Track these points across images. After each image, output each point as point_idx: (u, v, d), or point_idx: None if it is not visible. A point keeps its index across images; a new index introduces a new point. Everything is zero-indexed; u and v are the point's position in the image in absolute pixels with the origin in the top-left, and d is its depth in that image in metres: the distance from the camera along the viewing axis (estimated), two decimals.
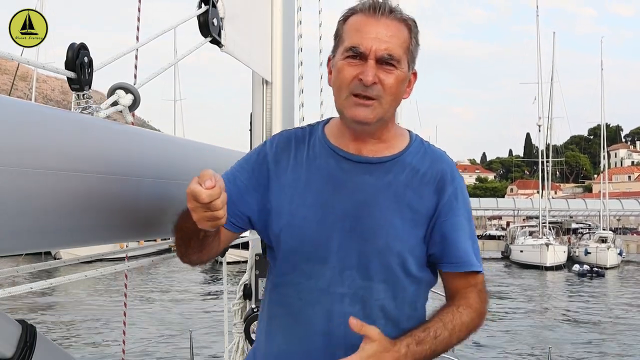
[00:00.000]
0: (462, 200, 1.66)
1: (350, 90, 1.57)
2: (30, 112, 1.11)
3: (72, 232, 1.23)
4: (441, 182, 1.63)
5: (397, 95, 1.62)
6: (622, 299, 24.65)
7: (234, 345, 2.41)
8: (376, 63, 1.57)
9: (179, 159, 1.67)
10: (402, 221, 1.59)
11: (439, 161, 1.68)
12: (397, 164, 1.65)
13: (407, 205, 1.60)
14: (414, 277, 1.62)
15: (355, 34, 1.59)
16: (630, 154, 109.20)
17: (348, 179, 1.64)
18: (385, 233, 1.59)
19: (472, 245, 1.66)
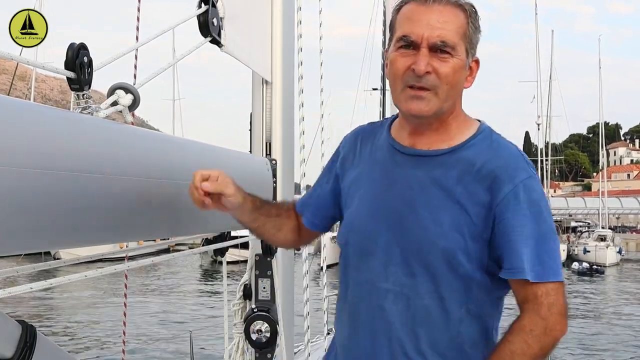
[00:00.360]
0: (525, 199, 1.48)
1: (404, 82, 1.53)
2: (30, 112, 1.11)
3: (72, 232, 1.23)
4: (497, 179, 1.49)
5: (455, 85, 1.55)
6: (622, 297, 24.65)
7: (234, 345, 2.41)
8: (430, 51, 1.50)
9: (179, 159, 1.67)
10: (450, 218, 1.52)
11: (499, 156, 1.53)
12: (451, 158, 1.57)
13: (457, 202, 1.52)
14: (463, 278, 1.53)
15: (406, 23, 1.54)
16: (630, 152, 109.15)
17: (400, 172, 1.61)
18: (428, 231, 1.53)
19: (536, 250, 1.47)
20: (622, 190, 71.40)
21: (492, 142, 1.57)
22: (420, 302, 1.54)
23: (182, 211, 1.68)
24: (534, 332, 1.45)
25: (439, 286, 1.53)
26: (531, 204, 1.49)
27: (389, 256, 1.57)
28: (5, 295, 1.08)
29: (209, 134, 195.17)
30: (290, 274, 2.64)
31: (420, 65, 1.49)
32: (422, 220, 1.54)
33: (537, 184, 1.52)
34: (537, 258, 1.47)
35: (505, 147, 1.57)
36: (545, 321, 1.45)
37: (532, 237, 1.47)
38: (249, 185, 2.19)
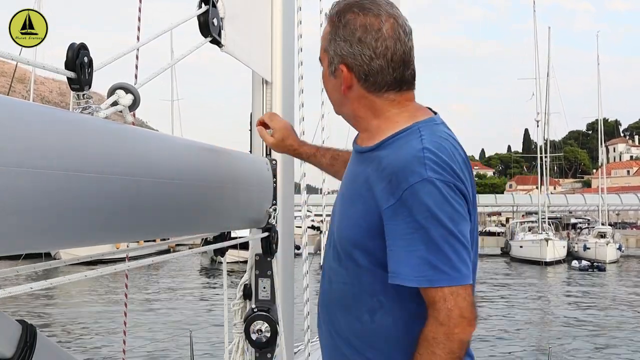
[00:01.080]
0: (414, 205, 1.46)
1: None
2: (30, 112, 1.11)
3: (72, 232, 1.23)
4: (390, 182, 1.51)
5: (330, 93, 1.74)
6: (623, 294, 24.66)
7: (234, 345, 2.41)
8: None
9: (179, 159, 1.67)
10: (354, 212, 1.62)
11: (398, 158, 1.53)
12: (370, 156, 1.64)
13: (360, 197, 1.60)
14: (368, 270, 1.59)
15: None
16: (629, 148, 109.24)
17: (348, 167, 1.81)
18: (341, 223, 1.68)
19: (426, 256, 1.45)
20: (622, 187, 71.48)
21: (402, 144, 1.57)
22: (337, 286, 1.69)
23: (182, 211, 1.68)
24: (436, 340, 1.46)
25: (351, 275, 1.64)
26: (420, 209, 1.46)
27: (330, 241, 1.77)
28: (5, 295, 1.08)
29: (209, 134, 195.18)
30: (290, 274, 2.64)
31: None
32: (340, 213, 1.70)
33: (430, 187, 1.46)
34: (427, 263, 1.45)
35: (407, 148, 1.54)
36: (445, 326, 1.45)
37: (422, 242, 1.45)
38: (249, 186, 2.20)
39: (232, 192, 2.01)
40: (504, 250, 46.72)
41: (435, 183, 1.46)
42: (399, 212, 1.48)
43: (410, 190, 1.46)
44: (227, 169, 1.99)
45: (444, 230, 1.45)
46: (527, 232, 44.56)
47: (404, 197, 1.47)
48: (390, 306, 1.58)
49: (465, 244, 1.49)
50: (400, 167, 1.50)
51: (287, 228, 2.54)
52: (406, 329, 1.56)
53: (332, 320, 1.70)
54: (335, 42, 1.62)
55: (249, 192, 2.19)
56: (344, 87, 1.65)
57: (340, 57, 1.63)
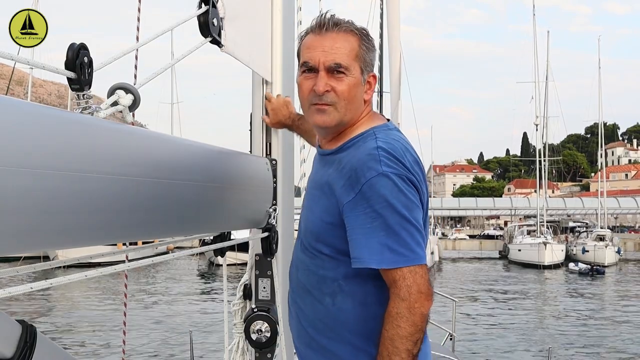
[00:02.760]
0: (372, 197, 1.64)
1: (309, 101, 1.82)
2: (30, 113, 1.11)
3: (72, 232, 1.23)
4: (349, 179, 1.69)
5: (352, 99, 1.81)
6: (622, 297, 24.68)
7: (234, 345, 2.40)
8: (327, 73, 1.79)
9: (179, 159, 1.67)
10: (317, 208, 1.81)
11: (355, 156, 1.73)
12: (332, 158, 1.84)
13: (325, 195, 1.78)
14: (327, 256, 1.79)
15: (306, 51, 1.83)
16: (627, 152, 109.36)
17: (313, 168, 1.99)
18: (306, 217, 1.88)
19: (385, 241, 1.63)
20: (621, 190, 71.54)
21: (361, 144, 1.78)
22: (303, 273, 1.87)
23: (182, 211, 1.68)
24: (400, 314, 1.62)
25: (315, 262, 1.82)
26: (377, 200, 1.64)
27: (299, 234, 1.96)
28: (6, 295, 1.07)
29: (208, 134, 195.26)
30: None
31: (319, 86, 1.77)
32: (307, 208, 1.89)
33: (386, 181, 1.65)
34: (387, 247, 1.63)
35: (365, 148, 1.75)
36: (406, 302, 1.62)
37: (382, 229, 1.63)
38: (249, 186, 2.20)
39: (232, 192, 2.01)
40: (502, 254, 46.77)
41: (390, 176, 1.65)
42: (358, 204, 1.66)
43: (368, 184, 1.65)
44: (227, 169, 1.99)
45: (399, 217, 1.64)
46: (525, 235, 44.60)
47: (363, 190, 1.66)
48: (349, 289, 1.76)
49: (419, 228, 1.68)
50: (358, 164, 1.69)
51: (287, 228, 2.54)
52: (363, 313, 1.75)
53: (299, 304, 1.89)
54: (369, 51, 1.84)
55: (249, 192, 2.19)
56: (371, 93, 1.88)
57: (372, 66, 1.86)
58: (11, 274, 1.40)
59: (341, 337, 1.78)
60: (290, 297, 1.97)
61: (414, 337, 1.61)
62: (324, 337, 1.81)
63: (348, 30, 1.81)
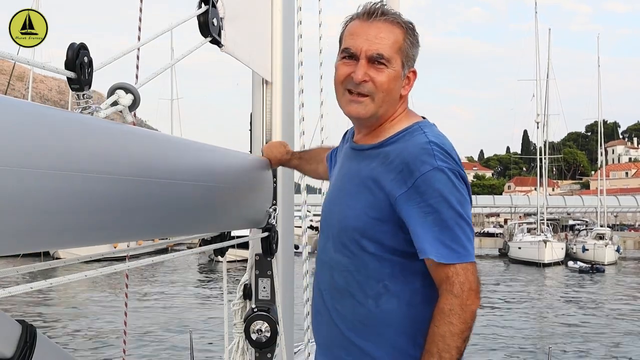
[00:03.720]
0: (426, 191, 1.62)
1: (344, 86, 1.78)
2: (30, 112, 1.11)
3: (72, 232, 1.23)
4: (401, 173, 1.66)
5: (390, 92, 1.77)
6: (623, 295, 24.67)
7: (234, 345, 2.40)
8: (368, 62, 1.74)
9: (179, 159, 1.67)
10: (360, 204, 1.74)
11: (407, 151, 1.69)
12: (374, 152, 1.79)
13: (368, 189, 1.73)
14: (372, 255, 1.73)
15: (349, 37, 1.78)
16: (628, 150, 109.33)
17: (345, 164, 1.92)
18: (344, 215, 1.79)
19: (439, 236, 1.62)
20: (621, 189, 71.52)
21: (410, 138, 1.74)
22: (340, 275, 1.79)
23: (182, 211, 1.68)
24: (453, 311, 1.59)
25: (356, 263, 1.75)
26: (432, 195, 1.62)
27: (327, 235, 1.87)
28: (5, 295, 1.08)
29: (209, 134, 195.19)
30: (290, 274, 2.64)
31: (358, 74, 1.74)
32: (342, 206, 1.81)
33: (441, 175, 1.63)
34: (441, 243, 1.61)
35: (416, 142, 1.71)
36: (459, 298, 1.59)
37: (435, 224, 1.61)
38: (249, 186, 2.19)
39: (232, 192, 2.01)
40: (502, 252, 46.72)
41: (445, 171, 1.63)
42: (412, 198, 1.63)
43: (422, 178, 1.63)
44: (227, 169, 1.99)
45: (454, 213, 1.62)
46: (525, 233, 44.57)
47: (417, 184, 1.63)
48: (395, 290, 1.71)
49: (470, 225, 1.67)
50: (411, 158, 1.66)
51: (287, 228, 2.54)
52: (409, 313, 1.70)
53: (335, 307, 1.81)
54: (413, 46, 1.80)
55: (249, 192, 2.19)
56: (409, 89, 1.84)
57: (413, 61, 1.82)
58: (11, 273, 1.40)
59: (384, 339, 1.73)
60: (320, 299, 1.88)
61: (464, 334, 1.59)
62: (363, 340, 1.75)
63: (395, 22, 1.77)
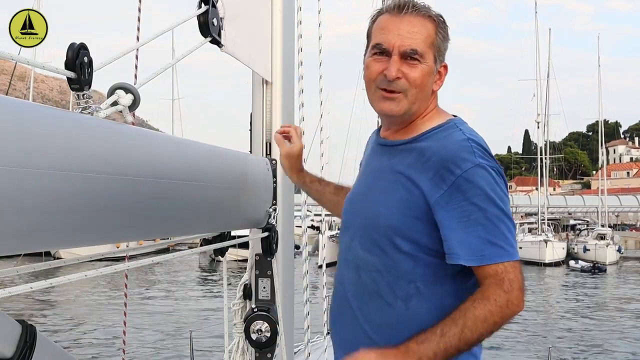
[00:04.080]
0: (469, 189, 1.57)
1: (377, 84, 1.71)
2: (30, 112, 1.11)
3: (72, 232, 1.23)
4: (440, 170, 1.60)
5: (424, 88, 1.71)
6: (625, 295, 24.65)
7: (234, 345, 2.40)
8: (400, 58, 1.67)
9: (179, 159, 1.67)
10: (394, 201, 1.67)
11: (445, 148, 1.64)
12: (407, 148, 1.72)
13: (402, 186, 1.66)
14: (406, 254, 1.65)
15: (380, 33, 1.71)
16: (629, 150, 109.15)
17: (373, 161, 1.86)
18: (377, 212, 1.70)
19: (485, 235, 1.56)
20: (622, 189, 71.43)
21: (446, 135, 1.68)
22: (368, 274, 1.71)
23: (182, 211, 1.68)
24: (497, 303, 1.54)
25: (387, 262, 1.67)
26: (475, 192, 1.57)
27: (354, 233, 1.78)
28: (5, 295, 1.08)
29: (209, 134, 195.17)
30: (290, 274, 2.64)
31: (391, 71, 1.66)
32: (373, 202, 1.73)
33: (482, 172, 1.58)
34: (488, 242, 1.56)
35: (455, 139, 1.66)
36: (508, 295, 1.54)
37: (479, 223, 1.56)
38: (249, 186, 2.19)
39: (232, 192, 2.01)
40: None
41: (486, 168, 1.59)
42: (453, 197, 1.57)
43: (464, 175, 1.57)
44: (227, 169, 1.99)
45: (498, 210, 1.58)
46: (526, 233, 44.54)
47: (458, 183, 1.57)
48: (427, 291, 1.65)
49: (513, 223, 1.62)
50: (450, 155, 1.61)
51: (287, 228, 2.54)
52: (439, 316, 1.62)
53: (361, 307, 1.74)
54: (444, 40, 1.74)
55: (249, 192, 2.19)
56: (440, 84, 1.79)
57: (444, 55, 1.76)
58: (11, 273, 1.40)
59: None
60: (344, 300, 1.79)
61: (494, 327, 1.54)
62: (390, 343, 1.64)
63: (426, 15, 1.71)
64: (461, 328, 1.53)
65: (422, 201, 1.62)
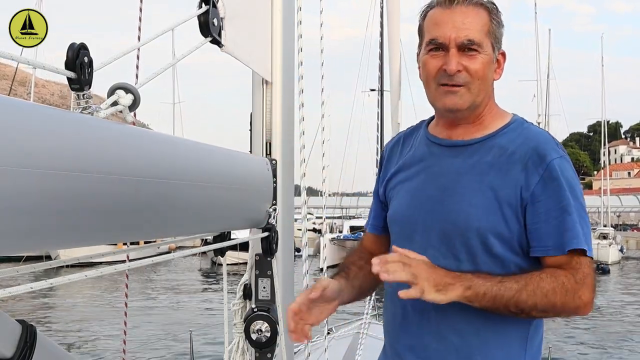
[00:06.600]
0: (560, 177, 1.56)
1: (437, 81, 1.65)
2: (30, 112, 1.11)
3: (72, 232, 1.23)
4: (530, 161, 1.57)
5: (485, 79, 1.66)
6: (627, 295, 24.62)
7: (234, 345, 2.40)
8: (458, 51, 1.62)
9: (179, 159, 1.67)
10: (484, 200, 1.60)
11: (531, 140, 1.61)
12: (485, 145, 1.67)
13: (489, 185, 1.61)
14: (499, 258, 1.60)
15: (433, 27, 1.66)
16: (630, 150, 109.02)
17: (436, 162, 1.73)
18: (464, 213, 1.62)
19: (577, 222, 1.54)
20: (623, 189, 71.37)
21: (523, 130, 1.66)
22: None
23: (182, 211, 1.68)
24: (565, 286, 1.50)
25: (477, 267, 1.59)
26: (564, 182, 1.56)
27: (427, 240, 1.66)
28: (6, 295, 1.08)
29: (208, 134, 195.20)
30: (290, 274, 2.64)
31: (451, 65, 1.61)
32: (457, 204, 1.63)
33: (569, 164, 1.59)
34: (575, 233, 1.54)
35: (535, 132, 1.66)
36: (579, 285, 1.51)
37: (572, 212, 1.55)
38: (249, 186, 2.19)
39: (232, 192, 2.01)
40: None
41: (570, 162, 1.60)
42: (548, 185, 1.56)
43: (553, 164, 1.56)
44: (227, 169, 1.99)
45: (581, 204, 1.58)
46: None
47: (550, 169, 1.56)
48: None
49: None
50: (537, 147, 1.59)
51: (287, 228, 2.54)
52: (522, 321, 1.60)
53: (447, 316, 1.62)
54: (499, 26, 1.70)
55: (249, 192, 2.19)
56: (500, 73, 1.74)
57: (500, 42, 1.72)
58: (11, 273, 1.40)
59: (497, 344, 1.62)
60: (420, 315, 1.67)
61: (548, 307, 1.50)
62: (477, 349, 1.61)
63: (478, 4, 1.66)
64: (521, 287, 1.50)
65: (513, 196, 1.58)
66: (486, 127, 1.70)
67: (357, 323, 6.96)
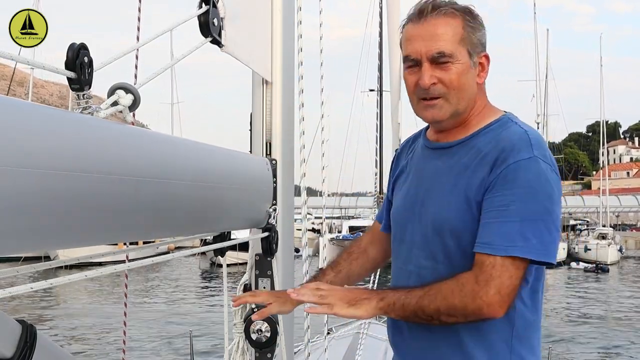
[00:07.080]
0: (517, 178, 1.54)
1: (417, 96, 1.69)
2: (30, 112, 1.11)
3: (72, 232, 1.23)
4: (496, 162, 1.58)
5: (463, 87, 1.66)
6: (627, 295, 24.63)
7: (234, 345, 2.40)
8: (431, 64, 1.64)
9: (179, 159, 1.67)
10: (457, 201, 1.63)
11: (504, 140, 1.61)
12: (465, 146, 1.69)
13: (463, 186, 1.63)
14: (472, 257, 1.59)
15: (407, 43, 1.69)
16: (629, 150, 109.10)
17: (425, 166, 1.80)
18: (439, 214, 1.66)
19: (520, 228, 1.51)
20: (622, 189, 71.40)
21: (502, 130, 1.66)
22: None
23: (182, 211, 1.68)
24: (463, 288, 1.51)
25: (453, 268, 1.62)
26: (521, 184, 1.53)
27: (413, 241, 1.74)
28: (6, 295, 1.08)
29: (208, 134, 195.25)
30: (290, 274, 2.64)
31: (424, 80, 1.64)
32: (433, 206, 1.68)
33: (536, 165, 1.54)
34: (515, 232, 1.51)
35: (512, 132, 1.64)
36: (480, 286, 1.50)
37: (510, 214, 1.52)
38: (249, 186, 2.19)
39: (232, 192, 2.01)
40: None
41: (540, 162, 1.55)
42: (497, 185, 1.55)
43: (515, 165, 1.54)
44: (227, 169, 1.99)
45: (538, 207, 1.53)
46: None
47: (507, 170, 1.54)
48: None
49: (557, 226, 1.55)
50: (507, 147, 1.58)
51: (287, 228, 2.54)
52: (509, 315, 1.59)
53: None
54: (475, 31, 1.68)
55: (249, 192, 2.19)
56: (485, 76, 1.73)
57: (482, 45, 1.71)
58: (11, 274, 1.40)
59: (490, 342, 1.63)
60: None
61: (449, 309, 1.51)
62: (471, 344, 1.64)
63: (448, 13, 1.65)
64: (424, 292, 1.54)
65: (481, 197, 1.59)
66: (471, 128, 1.72)
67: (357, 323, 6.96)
